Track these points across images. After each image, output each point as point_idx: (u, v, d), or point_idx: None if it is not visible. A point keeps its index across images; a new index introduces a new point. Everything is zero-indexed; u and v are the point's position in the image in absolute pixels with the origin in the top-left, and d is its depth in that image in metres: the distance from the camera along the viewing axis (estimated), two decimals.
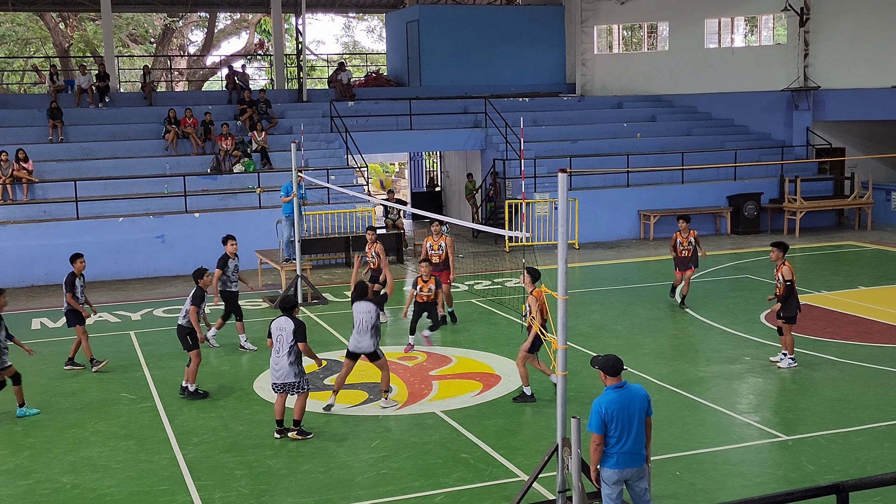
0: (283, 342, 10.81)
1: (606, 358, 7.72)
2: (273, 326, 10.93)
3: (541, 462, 8.72)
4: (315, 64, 46.83)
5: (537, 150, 27.02)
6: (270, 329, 10.95)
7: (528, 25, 33.20)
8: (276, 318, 11.07)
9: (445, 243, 16.14)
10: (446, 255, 16.18)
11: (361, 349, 11.80)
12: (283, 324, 10.86)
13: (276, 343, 10.87)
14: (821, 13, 29.43)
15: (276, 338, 10.87)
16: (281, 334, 10.83)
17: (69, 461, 10.37)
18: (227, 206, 23.08)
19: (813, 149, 29.78)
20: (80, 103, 26.88)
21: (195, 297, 12.73)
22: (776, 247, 13.48)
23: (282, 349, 10.82)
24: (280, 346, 10.83)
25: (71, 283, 13.97)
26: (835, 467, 9.71)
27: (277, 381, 10.88)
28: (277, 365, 10.84)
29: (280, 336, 10.83)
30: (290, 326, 10.82)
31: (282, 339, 10.82)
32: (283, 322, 10.89)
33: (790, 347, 13.30)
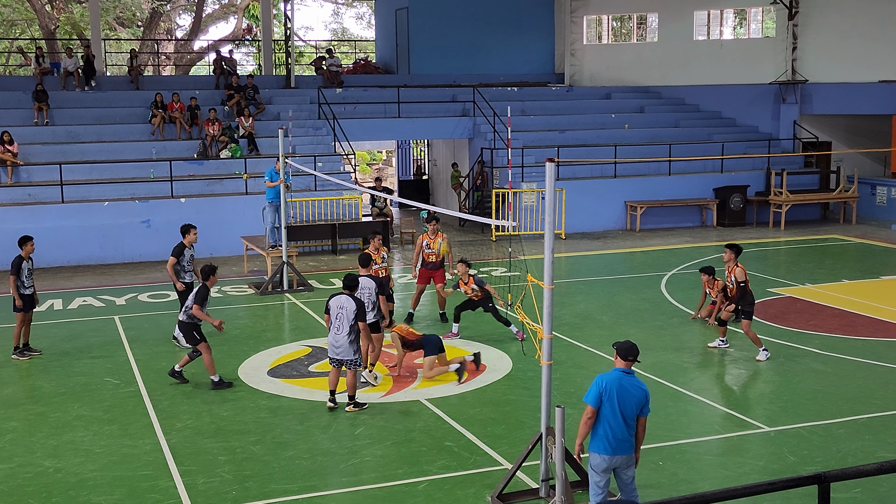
0: (343, 320, 11.03)
1: (623, 342, 7.94)
2: (332, 303, 11.15)
3: (525, 450, 8.75)
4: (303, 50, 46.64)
5: (525, 140, 27.02)
6: (329, 305, 11.17)
7: (517, 15, 33.15)
8: (335, 295, 11.25)
9: (443, 242, 15.70)
10: (443, 256, 15.72)
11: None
12: (344, 302, 11.08)
13: (335, 321, 11.06)
14: (809, 7, 29.49)
15: (335, 315, 11.07)
16: (341, 312, 11.04)
17: (52, 445, 10.34)
18: (213, 191, 22.98)
19: (799, 142, 29.89)
20: (66, 86, 26.69)
21: (199, 296, 12.23)
22: (730, 248, 13.65)
23: (342, 327, 11.03)
24: (340, 324, 11.04)
25: (17, 267, 13.54)
26: (816, 459, 9.78)
27: (335, 357, 11.13)
28: (337, 342, 11.07)
29: (340, 314, 11.04)
30: (351, 305, 11.04)
31: (342, 318, 11.04)
32: (343, 300, 11.11)
33: (758, 340, 13.37)
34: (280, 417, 11.18)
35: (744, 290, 13.39)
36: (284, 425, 10.90)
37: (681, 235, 25.31)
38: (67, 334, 15.20)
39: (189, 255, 14.37)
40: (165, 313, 16.70)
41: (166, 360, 13.59)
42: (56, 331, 15.51)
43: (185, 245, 14.34)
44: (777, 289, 18.12)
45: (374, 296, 12.35)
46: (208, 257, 22.15)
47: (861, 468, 5.62)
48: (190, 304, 12.30)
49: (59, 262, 21.18)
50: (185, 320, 12.39)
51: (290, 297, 17.83)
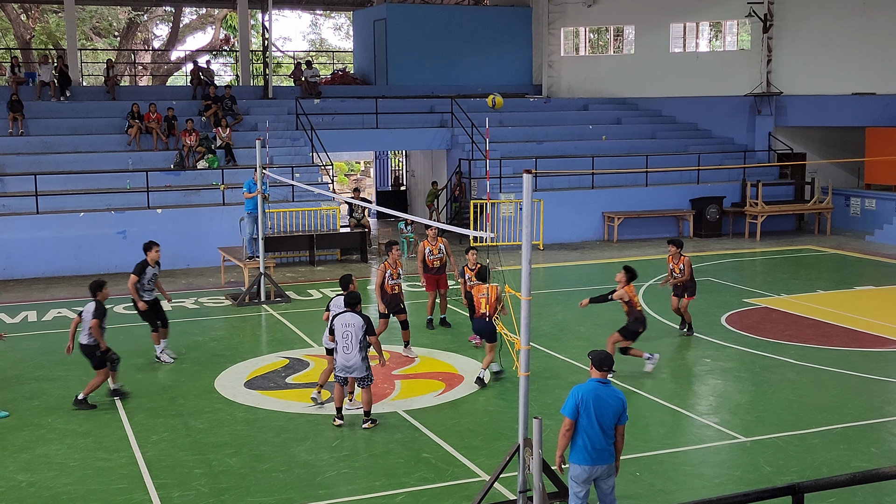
0: (351, 338, 10.76)
1: (598, 352, 7.96)
2: (337, 323, 10.82)
3: (502, 462, 8.74)
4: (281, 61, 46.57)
5: (503, 151, 27.09)
6: (334, 326, 10.84)
7: (495, 26, 33.28)
8: (339, 314, 10.89)
9: (444, 246, 15.72)
10: (445, 260, 15.84)
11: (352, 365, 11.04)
12: (350, 319, 10.79)
13: (342, 340, 10.76)
14: (784, 20, 29.80)
15: (341, 335, 10.76)
16: (349, 330, 10.76)
17: (25, 459, 10.23)
18: (190, 202, 22.88)
19: (775, 154, 30.15)
20: (41, 96, 26.52)
21: (97, 312, 11.79)
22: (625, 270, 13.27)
23: (352, 346, 10.76)
24: (349, 343, 10.76)
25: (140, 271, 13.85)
26: (791, 469, 9.84)
27: (346, 375, 10.91)
28: (349, 361, 10.79)
29: (347, 332, 10.76)
30: (358, 322, 10.77)
31: (349, 336, 10.75)
32: (348, 318, 10.81)
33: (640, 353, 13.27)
34: (257, 430, 11.12)
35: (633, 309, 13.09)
36: (261, 438, 10.84)
37: (658, 246, 25.41)
38: (42, 346, 15.06)
39: (151, 273, 13.96)
40: (141, 325, 16.53)
41: (142, 373, 13.50)
42: (30, 343, 15.36)
43: (149, 263, 14.00)
44: (753, 299, 18.24)
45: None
46: (185, 268, 22.08)
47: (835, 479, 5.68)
48: (88, 322, 11.76)
49: (33, 273, 21.00)
50: (90, 343, 11.84)
51: (268, 309, 17.76)
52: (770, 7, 29.75)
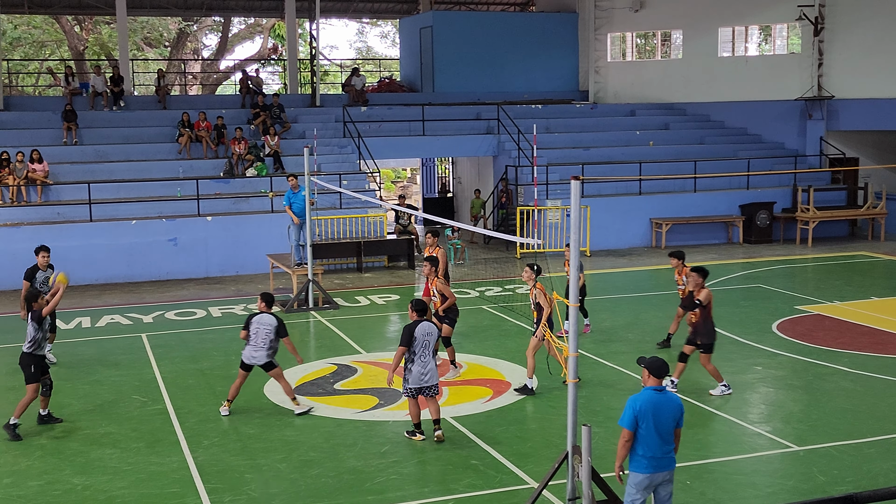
0: (429, 347, 10.66)
1: (654, 359, 7.83)
2: (418, 332, 10.65)
3: (551, 469, 8.70)
4: (328, 69, 46.96)
5: (549, 157, 27.02)
6: (416, 335, 10.64)
7: (541, 32, 33.22)
8: (418, 323, 10.71)
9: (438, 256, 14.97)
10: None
11: (255, 361, 11.78)
12: (430, 328, 10.75)
13: (421, 349, 10.63)
14: (835, 22, 29.35)
15: (422, 344, 10.64)
16: (428, 339, 10.67)
17: (80, 463, 10.40)
18: (239, 209, 23.14)
19: (826, 158, 29.67)
20: (94, 106, 27.02)
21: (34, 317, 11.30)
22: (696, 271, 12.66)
23: (427, 353, 10.66)
24: (425, 352, 10.65)
25: None
26: (846, 478, 9.66)
27: (424, 385, 10.70)
28: (426, 369, 10.65)
29: (427, 341, 10.65)
30: (435, 330, 10.79)
31: (428, 345, 10.65)
32: (428, 327, 10.74)
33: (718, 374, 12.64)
34: (306, 435, 11.20)
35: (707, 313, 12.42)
36: (310, 443, 10.91)
37: (706, 252, 25.16)
38: (95, 352, 15.32)
39: (43, 276, 13.88)
40: (192, 331, 16.81)
41: (193, 378, 13.67)
42: (84, 348, 15.63)
43: (39, 268, 13.95)
44: (805, 306, 17.97)
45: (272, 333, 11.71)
46: (234, 275, 22.34)
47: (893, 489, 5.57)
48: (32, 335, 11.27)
49: (87, 280, 21.36)
50: (29, 351, 11.29)
51: (316, 315, 17.89)
52: (821, 10, 29.33)
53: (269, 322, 11.76)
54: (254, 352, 11.76)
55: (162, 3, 34.22)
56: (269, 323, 11.75)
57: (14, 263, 20.20)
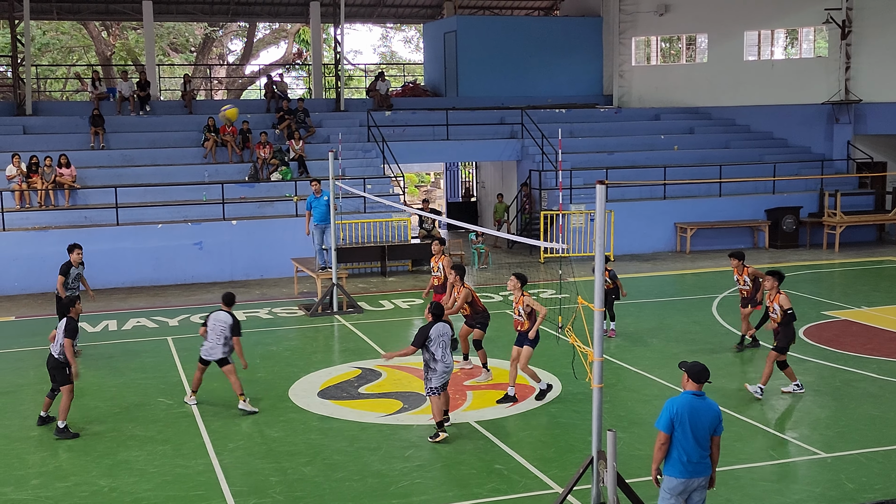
0: (446, 346, 10.99)
1: (694, 363, 7.80)
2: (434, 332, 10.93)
3: (575, 474, 8.67)
4: (353, 74, 47.11)
5: (574, 162, 26.96)
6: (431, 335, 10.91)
7: (565, 37, 33.17)
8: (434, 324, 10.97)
9: (444, 265, 14.99)
10: (445, 277, 14.70)
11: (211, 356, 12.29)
12: (443, 329, 11.03)
13: (441, 349, 10.94)
14: (863, 26, 29.11)
15: (440, 343, 10.95)
16: (443, 339, 10.98)
17: (107, 464, 10.48)
18: (264, 213, 23.25)
19: (853, 163, 29.44)
20: (121, 111, 27.24)
21: (69, 330, 11.47)
22: (772, 276, 12.94)
23: (446, 352, 11.00)
24: (445, 351, 10.97)
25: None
26: (875, 486, 9.55)
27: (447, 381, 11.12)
28: (447, 365, 10.99)
29: (443, 341, 10.96)
30: (449, 331, 11.11)
31: (445, 344, 10.97)
32: (443, 327, 11.04)
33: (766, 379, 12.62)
34: (331, 439, 11.23)
35: (790, 318, 12.61)
36: (335, 447, 10.94)
37: None
38: (122, 354, 15.44)
39: (75, 273, 14.75)
40: None
41: (218, 381, 13.72)
42: (111, 351, 15.76)
43: (73, 264, 14.71)
44: (832, 311, 17.81)
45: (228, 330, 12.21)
46: (259, 279, 22.43)
47: None
48: (60, 340, 11.42)
49: (113, 283, 21.53)
50: (60, 359, 11.42)
51: (340, 319, 17.93)
52: (848, 13, 29.11)
53: (225, 319, 12.20)
54: (210, 347, 12.23)
55: (188, 9, 34.46)
56: (225, 320, 12.19)
57: (43, 267, 20.51)
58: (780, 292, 12.86)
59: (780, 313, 12.68)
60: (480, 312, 13.63)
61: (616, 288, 15.89)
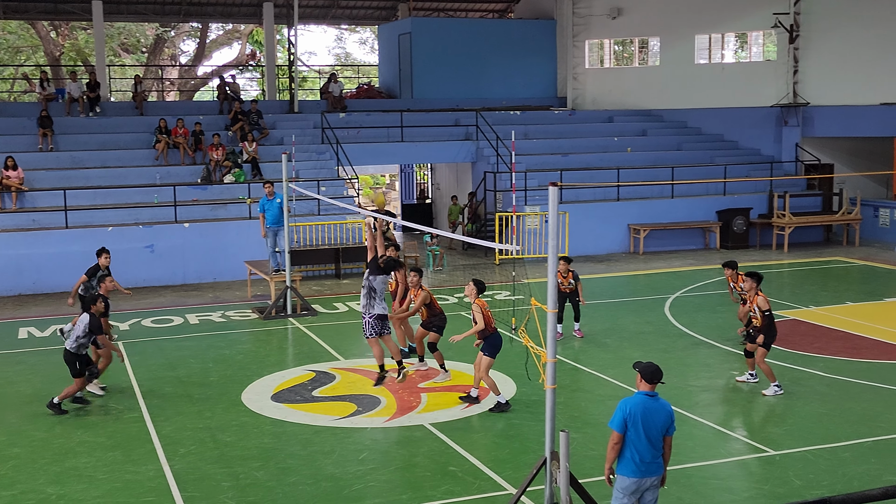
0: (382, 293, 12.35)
1: (648, 364, 7.87)
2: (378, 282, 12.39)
3: (529, 475, 8.70)
4: (307, 75, 46.89)
5: (528, 164, 27.09)
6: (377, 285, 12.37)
7: (519, 39, 33.32)
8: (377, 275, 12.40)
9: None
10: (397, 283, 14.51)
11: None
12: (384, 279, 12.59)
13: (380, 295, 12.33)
14: (810, 30, 29.63)
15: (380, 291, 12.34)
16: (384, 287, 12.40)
17: (55, 472, 10.31)
18: (217, 216, 23.04)
19: (801, 164, 29.94)
20: (70, 112, 26.83)
21: (93, 326, 12.38)
22: (750, 276, 13.22)
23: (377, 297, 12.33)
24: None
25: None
26: (822, 482, 9.73)
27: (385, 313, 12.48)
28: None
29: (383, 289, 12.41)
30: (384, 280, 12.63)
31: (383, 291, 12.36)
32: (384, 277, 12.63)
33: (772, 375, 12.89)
34: (284, 443, 11.16)
35: (769, 318, 12.92)
36: (288, 451, 10.87)
37: (684, 258, 25.30)
38: None
39: (100, 275, 14.82)
40: (169, 338, 16.71)
41: (170, 386, 13.58)
42: (58, 357, 15.44)
43: (100, 267, 14.83)
44: (781, 311, 18.07)
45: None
46: (212, 282, 22.23)
47: (867, 493, 5.61)
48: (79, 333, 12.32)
49: (62, 287, 21.13)
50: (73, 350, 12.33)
51: (294, 322, 17.83)
52: (796, 18, 29.61)
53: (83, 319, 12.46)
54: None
55: (139, 9, 34.07)
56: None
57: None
58: (759, 293, 13.06)
59: (760, 314, 12.93)
60: (437, 315, 13.68)
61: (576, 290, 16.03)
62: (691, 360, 14.69)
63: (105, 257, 15.01)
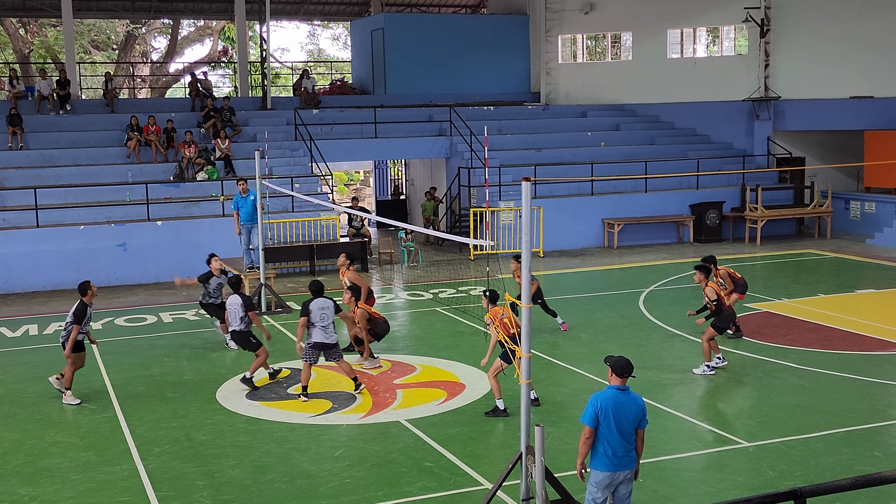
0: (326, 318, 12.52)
1: (619, 358, 7.89)
2: (313, 306, 12.48)
3: (505, 470, 8.72)
4: (279, 72, 46.68)
5: (502, 159, 27.12)
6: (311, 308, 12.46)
7: (492, 34, 33.34)
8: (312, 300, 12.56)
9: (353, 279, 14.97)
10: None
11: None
12: (322, 303, 12.55)
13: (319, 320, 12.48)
14: (781, 25, 29.86)
15: (319, 316, 12.46)
16: (324, 312, 12.46)
17: (27, 473, 10.21)
18: (189, 214, 22.90)
19: (773, 158, 30.17)
20: (40, 110, 26.56)
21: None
22: (699, 270, 13.78)
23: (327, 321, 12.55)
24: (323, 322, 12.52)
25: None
26: (795, 473, 9.82)
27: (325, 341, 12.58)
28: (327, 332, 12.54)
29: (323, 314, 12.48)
30: (330, 305, 12.61)
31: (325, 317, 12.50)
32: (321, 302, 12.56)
33: (708, 355, 13.51)
34: (259, 441, 11.11)
35: (719, 306, 13.54)
36: (263, 449, 10.83)
37: (658, 252, 25.44)
38: (43, 360, 15.05)
39: (216, 282, 15.34)
40: (143, 337, 16.60)
41: (144, 385, 13.50)
42: (31, 357, 15.36)
43: (213, 273, 15.36)
44: (754, 304, 18.23)
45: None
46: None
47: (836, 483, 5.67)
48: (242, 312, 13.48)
49: (34, 286, 21.01)
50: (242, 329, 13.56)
51: (269, 319, 17.75)
52: (767, 12, 29.82)
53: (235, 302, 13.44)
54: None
55: (109, 6, 33.77)
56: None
57: None
58: (709, 283, 13.66)
59: (709, 302, 13.53)
60: (380, 324, 14.27)
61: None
62: (665, 354, 14.77)
63: (216, 261, 15.43)
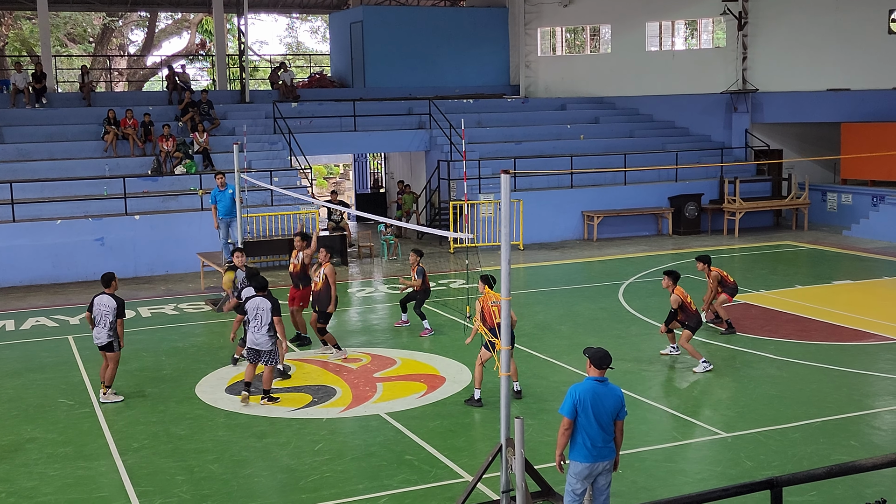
0: (259, 318, 12.00)
1: (597, 350, 7.90)
2: (249, 305, 12.14)
3: (485, 462, 8.74)
4: (258, 65, 46.45)
5: (482, 152, 27.12)
6: (247, 307, 12.15)
7: (471, 27, 33.31)
8: (250, 298, 12.24)
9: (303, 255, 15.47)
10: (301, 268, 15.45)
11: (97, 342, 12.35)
12: (259, 303, 12.04)
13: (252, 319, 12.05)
14: (759, 17, 30.00)
15: (253, 315, 12.02)
16: (259, 312, 11.98)
17: (4, 469, 10.14)
18: (168, 208, 22.77)
19: (751, 150, 30.34)
20: (15, 104, 26.31)
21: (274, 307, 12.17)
22: (667, 275, 13.85)
23: (258, 322, 12.01)
24: (255, 322, 12.03)
25: None
26: (772, 463, 9.90)
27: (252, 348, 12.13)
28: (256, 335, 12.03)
29: (258, 314, 11.99)
30: (266, 305, 11.98)
31: (258, 317, 11.99)
32: (258, 301, 12.06)
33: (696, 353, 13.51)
34: (239, 435, 11.08)
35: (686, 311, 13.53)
36: (243, 443, 10.80)
37: (637, 244, 25.53)
38: (20, 355, 14.95)
39: (242, 276, 14.76)
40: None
41: (122, 380, 13.40)
42: (8, 352, 15.24)
43: (237, 267, 14.91)
44: None
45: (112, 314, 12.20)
46: (164, 274, 21.99)
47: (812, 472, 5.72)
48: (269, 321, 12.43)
49: (11, 282, 20.83)
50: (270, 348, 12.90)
51: None
52: (745, 5, 29.94)
53: (108, 303, 12.15)
54: (96, 333, 12.27)
55: None
56: (108, 304, 12.15)
57: None
58: (676, 289, 13.65)
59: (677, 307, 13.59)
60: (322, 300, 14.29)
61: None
62: (645, 346, 14.84)
63: (237, 257, 14.88)
